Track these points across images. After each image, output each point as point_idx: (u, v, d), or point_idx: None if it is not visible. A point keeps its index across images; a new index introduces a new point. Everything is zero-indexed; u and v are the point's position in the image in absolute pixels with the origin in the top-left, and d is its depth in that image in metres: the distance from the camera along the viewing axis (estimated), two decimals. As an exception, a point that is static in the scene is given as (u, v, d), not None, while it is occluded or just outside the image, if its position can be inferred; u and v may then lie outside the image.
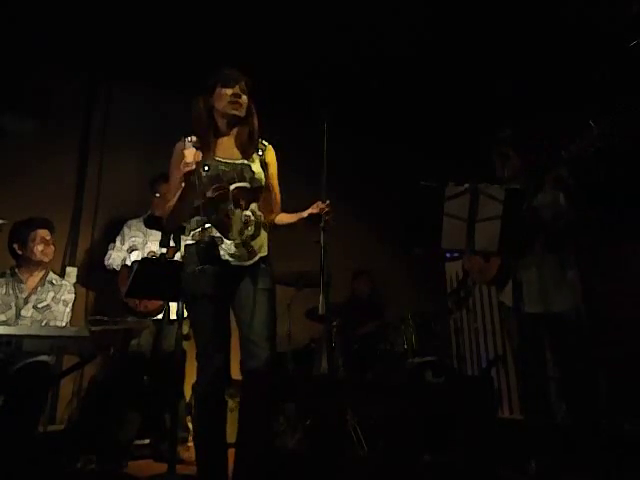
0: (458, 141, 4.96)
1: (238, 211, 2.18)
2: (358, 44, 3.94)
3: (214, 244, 2.14)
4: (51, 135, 4.08)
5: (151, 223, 3.51)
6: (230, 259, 2.15)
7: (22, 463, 2.48)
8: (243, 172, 2.21)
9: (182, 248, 3.35)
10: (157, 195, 3.78)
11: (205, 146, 2.20)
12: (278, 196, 2.40)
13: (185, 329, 3.31)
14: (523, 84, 4.24)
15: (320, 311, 2.16)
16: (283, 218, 2.39)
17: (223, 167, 2.19)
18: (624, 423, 3.30)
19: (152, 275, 2.75)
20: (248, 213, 2.20)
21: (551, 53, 3.91)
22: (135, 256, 3.55)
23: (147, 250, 3.62)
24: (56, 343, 2.33)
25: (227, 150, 2.26)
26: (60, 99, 4.15)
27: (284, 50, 3.98)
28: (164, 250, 3.46)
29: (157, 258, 3.39)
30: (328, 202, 2.26)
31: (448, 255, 4.95)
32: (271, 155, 2.38)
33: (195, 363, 2.21)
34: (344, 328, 3.90)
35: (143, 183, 3.94)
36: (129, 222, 3.79)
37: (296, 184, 2.66)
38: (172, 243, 3.60)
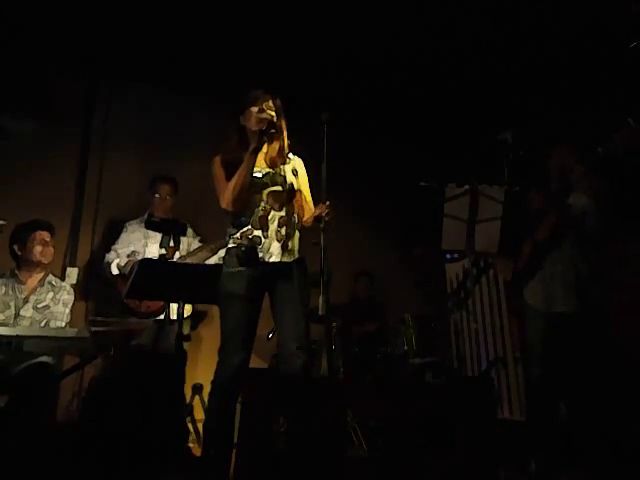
0: (459, 141, 4.96)
1: (273, 212, 2.37)
2: (358, 45, 3.93)
3: (254, 247, 2.31)
4: (51, 135, 4.08)
5: (151, 224, 3.51)
6: (269, 258, 2.31)
7: (25, 463, 2.48)
8: (275, 178, 2.41)
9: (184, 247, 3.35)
10: (157, 196, 3.78)
11: (238, 164, 2.35)
12: (310, 199, 2.57)
13: (185, 329, 3.32)
14: (524, 85, 4.24)
15: (320, 312, 2.17)
16: (309, 222, 2.53)
17: (256, 175, 2.37)
18: (627, 424, 3.30)
19: (152, 276, 2.75)
20: (282, 214, 2.39)
21: (551, 53, 3.91)
22: (115, 266, 3.59)
23: (147, 251, 3.63)
24: (57, 344, 2.34)
25: (258, 162, 2.42)
26: (60, 99, 4.14)
27: (284, 49, 3.98)
28: (165, 252, 3.46)
29: (157, 259, 3.39)
30: (328, 203, 2.32)
31: (448, 256, 4.95)
32: (299, 163, 2.57)
33: (195, 364, 2.24)
34: (344, 329, 3.89)
35: (143, 184, 3.94)
36: (127, 225, 3.79)
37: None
38: (171, 244, 3.61)
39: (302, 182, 2.55)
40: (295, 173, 2.51)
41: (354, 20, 3.69)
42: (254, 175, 2.36)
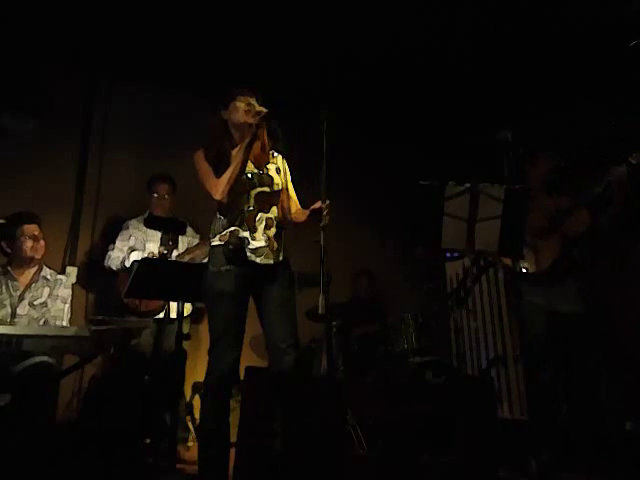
0: (459, 141, 4.96)
1: (261, 213, 2.35)
2: (358, 45, 3.94)
3: (241, 246, 2.28)
4: (51, 135, 4.08)
5: (151, 223, 3.52)
6: (256, 259, 2.29)
7: (25, 462, 2.48)
8: (262, 178, 2.40)
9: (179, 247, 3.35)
10: (155, 195, 3.78)
11: (222, 157, 2.34)
12: (294, 197, 2.56)
13: (185, 328, 3.32)
14: (523, 84, 4.24)
15: (320, 311, 2.17)
16: (299, 216, 2.51)
17: (243, 175, 2.34)
18: (627, 423, 3.30)
19: (152, 275, 2.75)
20: (270, 215, 2.38)
21: (551, 53, 3.91)
22: (135, 256, 3.55)
23: (147, 250, 3.63)
24: (56, 343, 2.34)
25: None
26: (60, 99, 4.14)
27: (284, 49, 3.98)
28: (165, 251, 3.46)
29: (157, 258, 3.39)
30: (328, 202, 2.32)
31: (448, 255, 4.95)
32: (281, 161, 2.55)
33: (195, 363, 2.24)
34: (344, 328, 3.89)
35: (143, 183, 3.94)
36: (127, 222, 3.80)
37: (296, 184, 2.66)
38: (170, 242, 3.61)
39: (286, 179, 2.55)
40: (278, 171, 2.50)
41: (354, 20, 3.69)
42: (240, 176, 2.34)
